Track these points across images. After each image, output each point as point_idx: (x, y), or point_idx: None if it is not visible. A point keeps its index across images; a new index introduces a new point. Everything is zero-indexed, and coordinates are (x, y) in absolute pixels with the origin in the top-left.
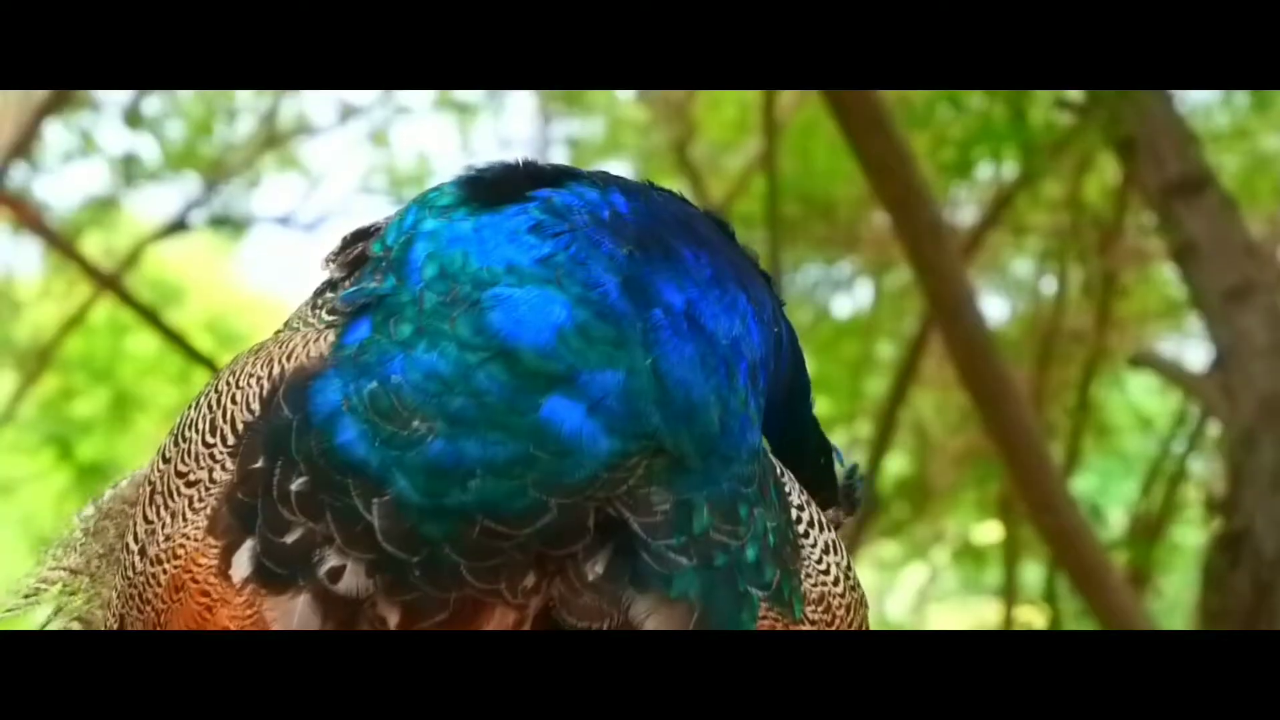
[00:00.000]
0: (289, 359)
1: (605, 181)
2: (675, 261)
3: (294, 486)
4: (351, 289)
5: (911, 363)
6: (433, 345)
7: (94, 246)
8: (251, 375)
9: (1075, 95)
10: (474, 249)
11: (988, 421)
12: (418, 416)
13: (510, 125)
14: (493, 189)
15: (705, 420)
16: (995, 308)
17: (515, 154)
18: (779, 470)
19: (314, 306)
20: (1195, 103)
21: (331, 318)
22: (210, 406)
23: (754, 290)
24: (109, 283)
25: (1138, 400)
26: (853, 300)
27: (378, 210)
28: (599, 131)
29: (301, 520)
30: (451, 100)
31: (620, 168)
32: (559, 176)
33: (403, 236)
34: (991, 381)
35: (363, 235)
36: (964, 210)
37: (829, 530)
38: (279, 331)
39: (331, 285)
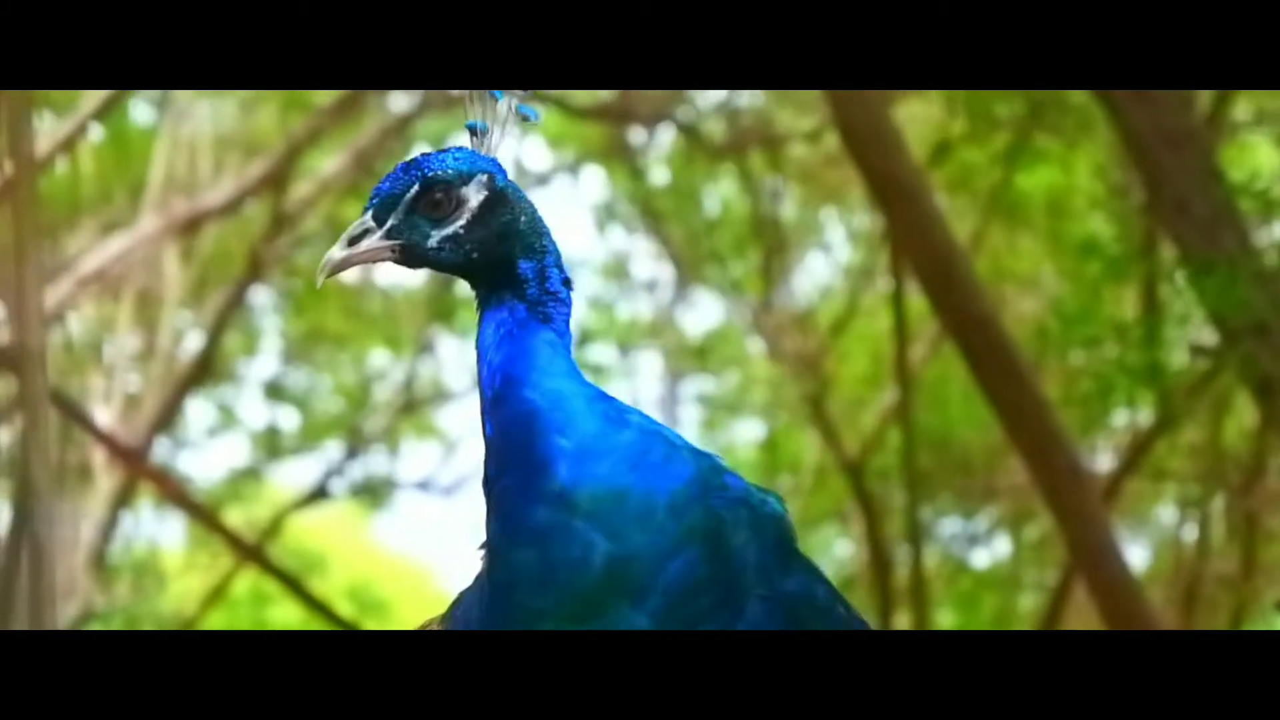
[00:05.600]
0: None
1: None
2: None
3: None
4: None
5: (1054, 613)
6: None
7: (236, 518)
8: None
9: (1210, 339)
10: None
11: None
12: None
13: (641, 384)
14: None
15: None
16: (1136, 556)
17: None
18: None
19: None
20: None
21: None
22: None
23: None
24: (251, 553)
25: None
26: (990, 552)
27: None
28: (730, 388)
29: None
30: (583, 360)
31: (752, 424)
32: None
33: None
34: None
35: None
36: (1101, 457)
37: None
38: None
39: None
